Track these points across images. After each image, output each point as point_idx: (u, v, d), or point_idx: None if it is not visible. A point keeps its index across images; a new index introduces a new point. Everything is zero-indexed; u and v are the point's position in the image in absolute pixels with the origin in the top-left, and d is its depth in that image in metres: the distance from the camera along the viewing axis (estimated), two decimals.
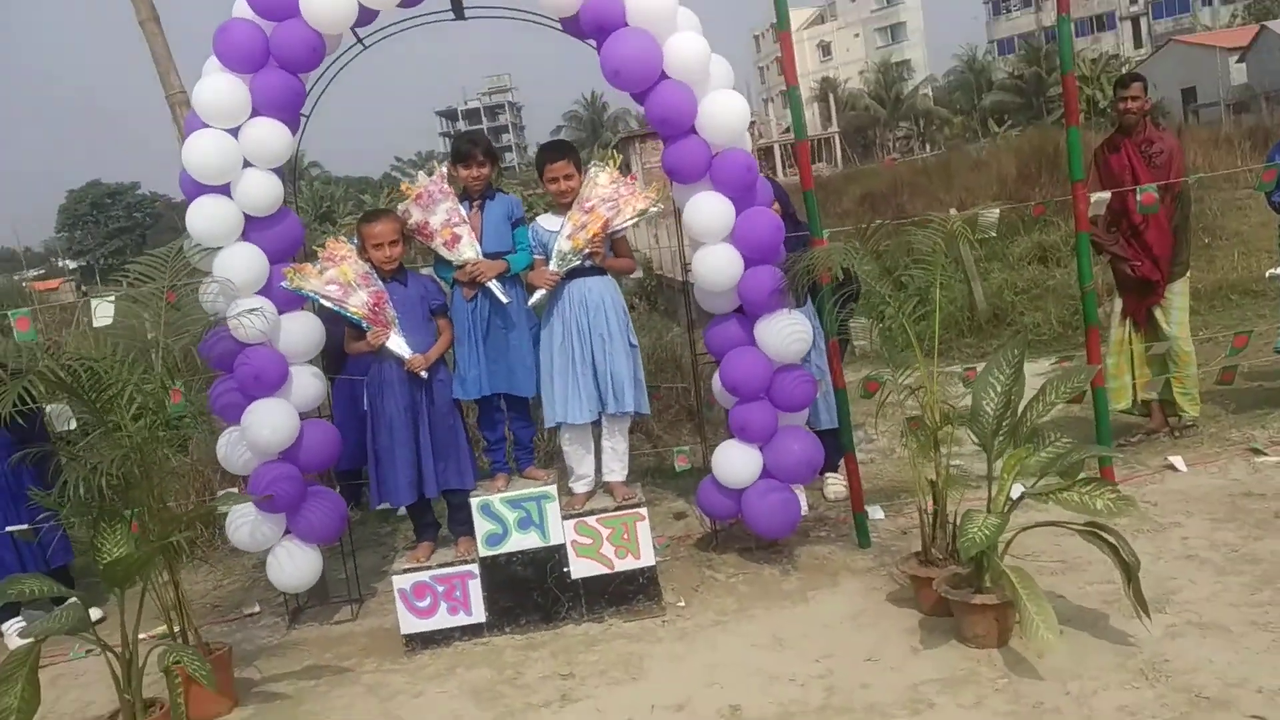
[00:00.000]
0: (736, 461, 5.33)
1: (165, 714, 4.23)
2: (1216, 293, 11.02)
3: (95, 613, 5.89)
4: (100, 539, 4.22)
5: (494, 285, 5.05)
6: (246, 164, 4.94)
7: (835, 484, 6.44)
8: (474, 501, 5.06)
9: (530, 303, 5.17)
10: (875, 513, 5.90)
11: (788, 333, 5.15)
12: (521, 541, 5.06)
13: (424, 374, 5.05)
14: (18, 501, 5.90)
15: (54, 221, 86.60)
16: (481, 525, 5.05)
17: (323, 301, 4.96)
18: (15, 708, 4.09)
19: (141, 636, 5.25)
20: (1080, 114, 5.75)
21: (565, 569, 5.07)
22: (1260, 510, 5.31)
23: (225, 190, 4.95)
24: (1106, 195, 6.20)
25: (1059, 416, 6.99)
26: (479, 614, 5.06)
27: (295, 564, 5.21)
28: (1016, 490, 4.43)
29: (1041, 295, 12.11)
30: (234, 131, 4.91)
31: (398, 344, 5.01)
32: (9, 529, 5.82)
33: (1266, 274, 7.36)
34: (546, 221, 5.22)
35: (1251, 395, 7.28)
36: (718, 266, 5.13)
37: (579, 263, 5.06)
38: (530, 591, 5.08)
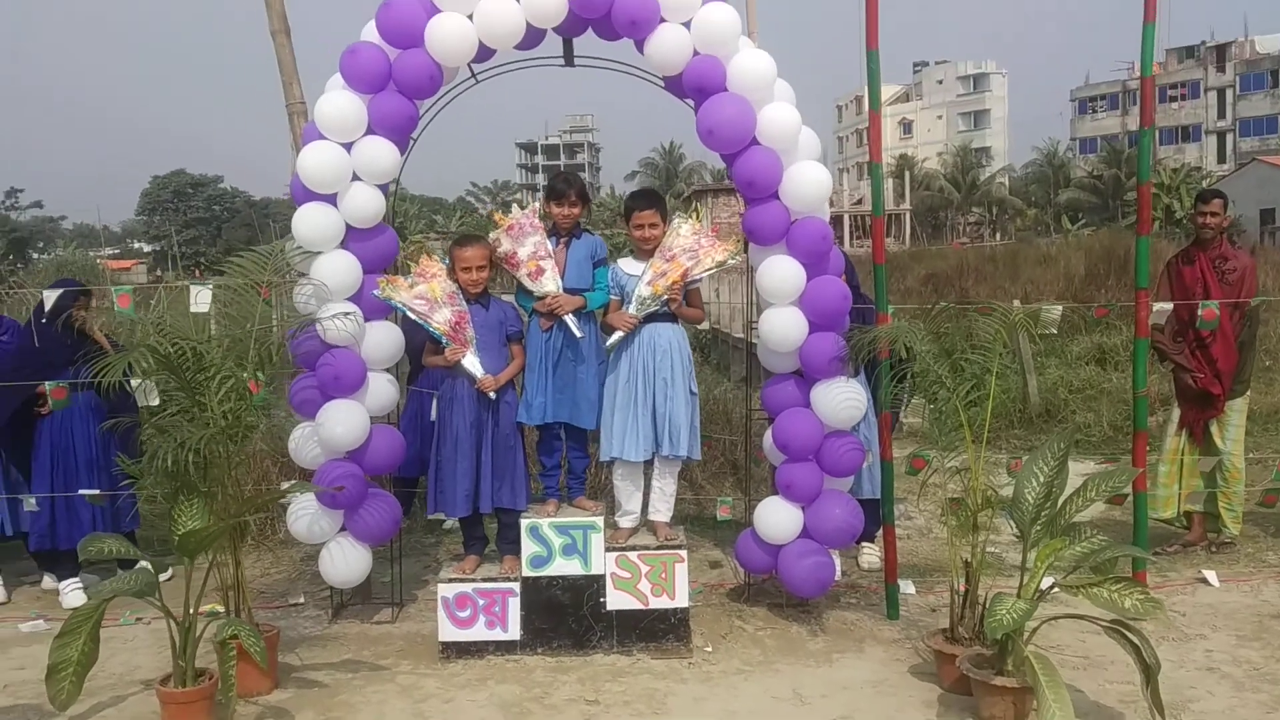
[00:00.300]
0: (778, 518, 5.50)
1: (213, 684, 4.46)
2: (1272, 415, 10.99)
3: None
4: (178, 511, 4.49)
5: (570, 319, 5.31)
6: (355, 178, 5.25)
7: (870, 554, 6.58)
8: (524, 523, 5.28)
9: (608, 343, 5.42)
10: (907, 587, 6.02)
11: (843, 399, 5.33)
12: (564, 567, 5.26)
13: (492, 395, 5.30)
14: (94, 467, 6.22)
15: (135, 204, 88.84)
16: (528, 546, 5.26)
17: (409, 314, 5.24)
18: (75, 660, 4.37)
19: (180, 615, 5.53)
20: (1155, 222, 5.92)
21: (602, 599, 5.26)
22: None
23: (332, 200, 5.26)
24: (1168, 306, 6.32)
25: (1100, 518, 7.10)
26: (514, 631, 5.26)
27: (347, 560, 5.45)
28: (1048, 581, 4.55)
29: (1096, 397, 12.12)
30: (348, 146, 5.22)
31: (472, 363, 5.27)
32: (82, 491, 6.12)
33: None
34: (627, 265, 5.48)
35: None
36: (784, 328, 5.33)
37: (656, 308, 5.31)
38: (566, 616, 5.27)
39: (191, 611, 4.44)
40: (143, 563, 4.64)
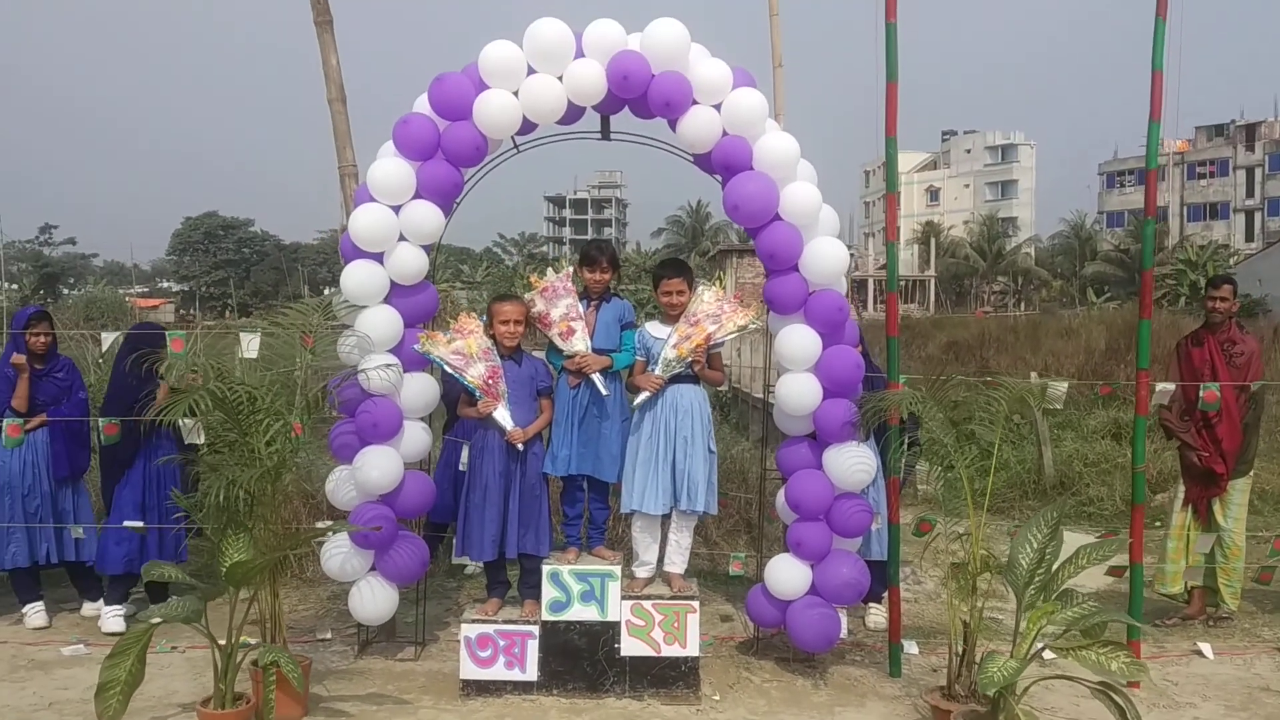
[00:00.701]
0: (788, 574, 5.76)
1: (250, 708, 4.75)
2: None
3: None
4: (225, 544, 4.81)
5: (597, 378, 5.65)
6: (401, 238, 5.62)
7: (877, 614, 6.80)
8: (545, 569, 5.57)
9: (635, 402, 5.73)
10: (910, 647, 6.25)
11: (853, 463, 5.61)
12: (582, 613, 5.54)
13: (521, 446, 5.62)
14: (140, 500, 6.54)
15: (166, 244, 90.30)
16: (548, 591, 5.55)
17: (446, 368, 5.57)
18: (123, 680, 4.68)
19: (221, 642, 5.86)
20: (1180, 298, 6.19)
21: (616, 645, 5.53)
22: (1274, 706, 5.57)
23: (379, 258, 5.62)
24: (1171, 386, 6.59)
25: (1107, 590, 7.29)
26: (532, 673, 5.52)
27: (375, 599, 5.74)
28: (1040, 643, 4.78)
29: (1110, 471, 12.24)
30: (396, 208, 5.59)
31: (503, 416, 5.59)
32: (126, 524, 6.44)
33: None
34: (653, 329, 5.82)
35: None
36: (799, 393, 5.63)
37: (681, 370, 5.62)
38: (582, 660, 5.53)
39: (233, 639, 4.74)
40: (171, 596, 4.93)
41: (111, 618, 6.53)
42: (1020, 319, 35.27)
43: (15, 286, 67.45)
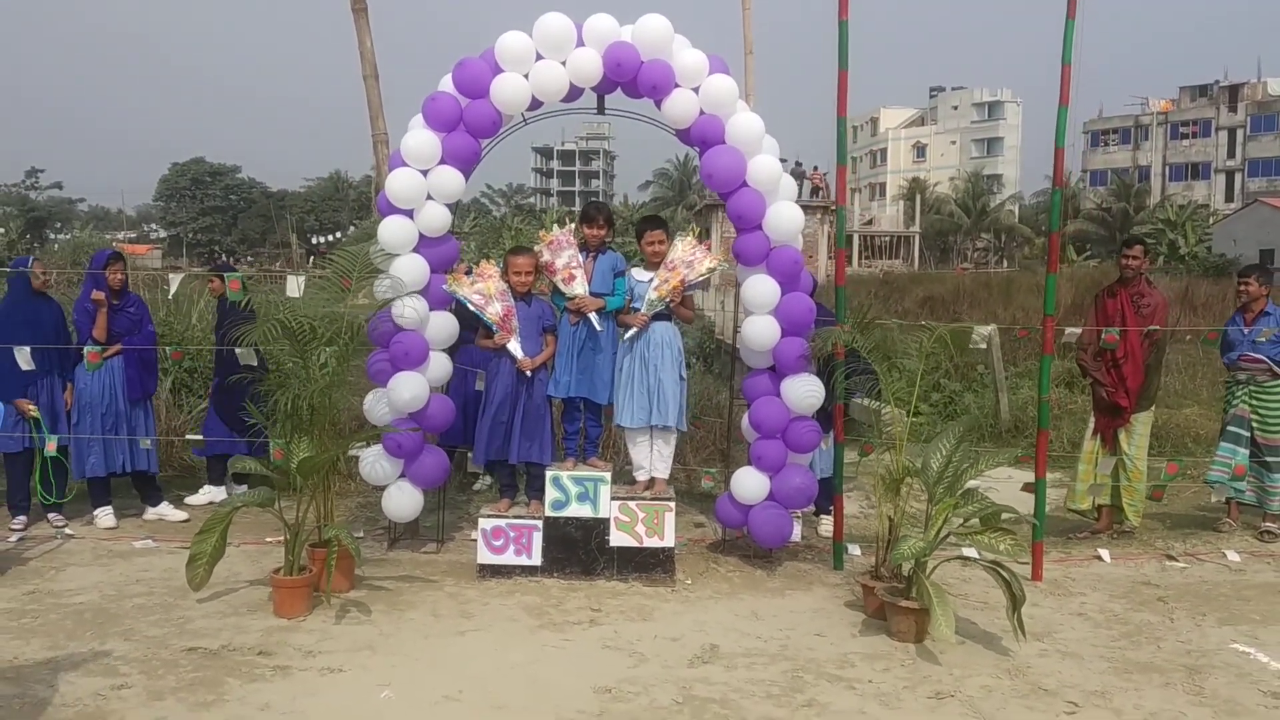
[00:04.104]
0: (750, 483, 6.89)
1: (312, 577, 5.89)
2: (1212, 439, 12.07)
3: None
4: (293, 445, 5.92)
5: (593, 316, 6.75)
6: (429, 197, 6.66)
7: (827, 524, 7.94)
8: (548, 474, 6.70)
9: (626, 337, 6.80)
10: (853, 549, 7.41)
11: (805, 391, 6.73)
12: (578, 510, 6.68)
13: (529, 373, 6.72)
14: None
15: (153, 189, 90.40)
16: (550, 493, 6.68)
17: (469, 305, 6.65)
18: (208, 552, 5.79)
19: (269, 540, 7.01)
20: (1159, 257, 7.18)
21: (606, 537, 6.67)
22: (1149, 594, 6.75)
23: (410, 214, 6.67)
24: (1078, 330, 7.73)
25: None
26: (537, 559, 6.67)
27: (405, 498, 6.86)
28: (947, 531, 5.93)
29: (1061, 416, 13.29)
30: (424, 172, 6.63)
31: (515, 347, 6.69)
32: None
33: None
34: (638, 273, 6.92)
35: (1188, 518, 8.72)
36: (761, 332, 6.73)
37: (661, 308, 6.72)
38: (577, 549, 6.68)
39: (300, 520, 5.86)
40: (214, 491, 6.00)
41: (175, 518, 7.77)
42: (995, 275, 36.39)
43: (2, 230, 67.42)
